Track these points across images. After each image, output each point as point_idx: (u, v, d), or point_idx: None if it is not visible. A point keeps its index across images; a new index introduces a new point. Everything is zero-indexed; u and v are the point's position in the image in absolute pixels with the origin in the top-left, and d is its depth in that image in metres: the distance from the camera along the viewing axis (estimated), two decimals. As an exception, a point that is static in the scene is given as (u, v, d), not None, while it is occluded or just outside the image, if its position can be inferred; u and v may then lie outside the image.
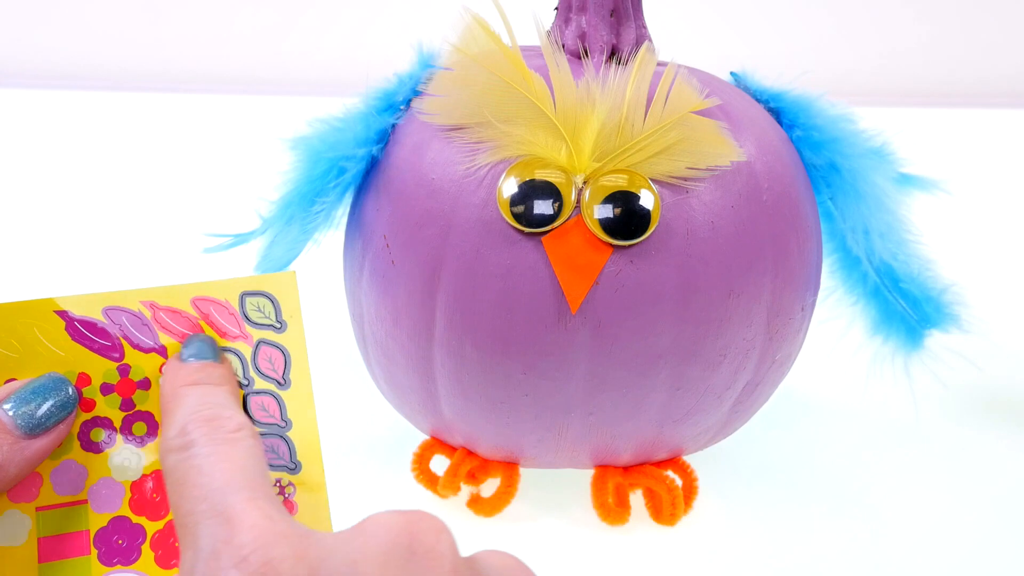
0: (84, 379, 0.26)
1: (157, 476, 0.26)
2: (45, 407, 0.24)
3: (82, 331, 0.25)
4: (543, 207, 0.36)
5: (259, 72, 1.18)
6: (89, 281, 0.66)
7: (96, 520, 0.25)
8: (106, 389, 0.26)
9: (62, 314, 0.25)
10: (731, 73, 0.46)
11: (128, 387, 0.27)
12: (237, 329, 0.27)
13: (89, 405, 0.26)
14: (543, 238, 0.37)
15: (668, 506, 0.44)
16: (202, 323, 0.26)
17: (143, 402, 0.28)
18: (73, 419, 0.25)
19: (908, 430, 0.53)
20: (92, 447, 0.26)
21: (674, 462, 0.45)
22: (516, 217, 0.37)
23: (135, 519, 0.25)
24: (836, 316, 0.46)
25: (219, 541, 0.22)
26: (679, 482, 0.45)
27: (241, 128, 1.00)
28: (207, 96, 1.11)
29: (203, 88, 1.15)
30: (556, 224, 0.37)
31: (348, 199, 0.43)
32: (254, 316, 0.27)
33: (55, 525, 0.25)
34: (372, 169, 0.41)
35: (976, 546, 0.45)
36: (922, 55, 1.20)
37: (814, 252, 0.42)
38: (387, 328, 0.41)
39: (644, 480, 0.44)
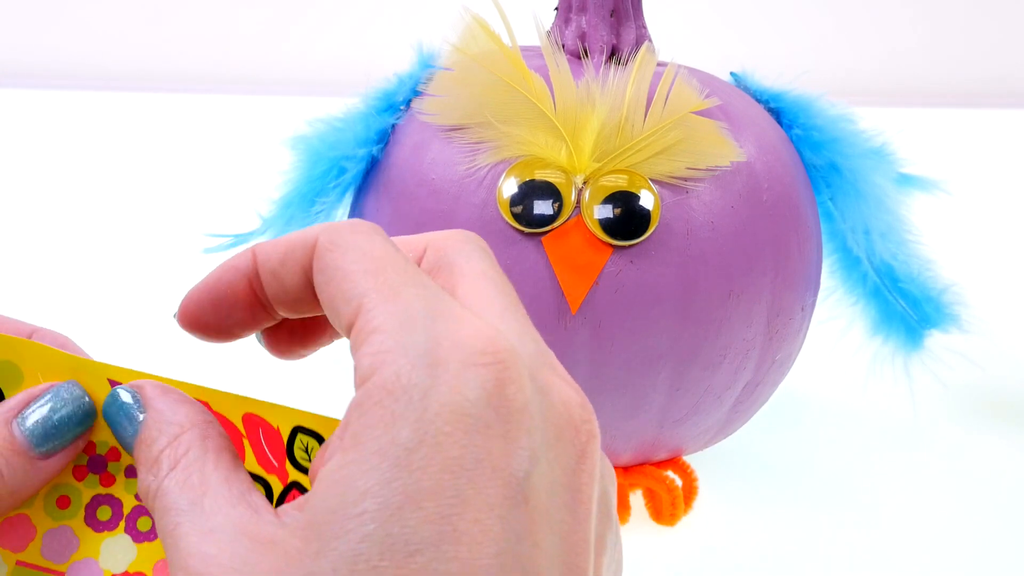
0: (114, 453, 0.24)
1: None
2: (64, 424, 0.23)
3: None
4: (543, 207, 0.36)
5: (259, 72, 1.18)
6: (88, 282, 0.66)
7: None
8: (130, 472, 0.25)
9: (115, 385, 0.24)
10: (731, 73, 0.46)
11: None
12: (276, 463, 0.25)
13: (109, 480, 0.25)
14: (543, 238, 0.37)
15: (668, 506, 0.44)
16: (246, 442, 0.25)
17: None
18: (88, 436, 0.24)
19: (908, 430, 0.53)
20: (94, 523, 0.24)
21: (674, 462, 0.45)
22: (516, 217, 0.37)
23: None
24: (836, 316, 0.46)
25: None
26: (679, 482, 0.45)
27: (241, 128, 1.00)
28: (207, 96, 1.11)
29: (203, 88, 1.15)
30: (556, 224, 0.37)
31: (348, 199, 0.43)
32: (298, 456, 0.25)
33: None
34: (372, 169, 0.41)
35: (976, 545, 0.45)
36: (922, 55, 1.20)
37: (814, 252, 0.42)
38: (387, 328, 0.41)
39: (644, 480, 0.44)
